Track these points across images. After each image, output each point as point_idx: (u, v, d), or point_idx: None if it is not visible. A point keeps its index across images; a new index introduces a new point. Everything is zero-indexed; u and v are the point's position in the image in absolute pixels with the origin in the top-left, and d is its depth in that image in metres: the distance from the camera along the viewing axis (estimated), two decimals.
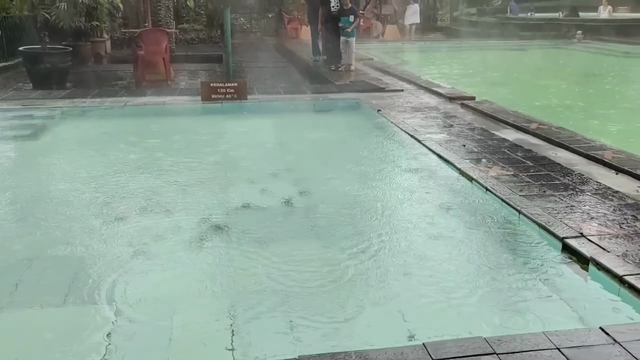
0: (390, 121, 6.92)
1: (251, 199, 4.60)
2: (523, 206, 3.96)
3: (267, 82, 10.15)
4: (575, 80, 11.91)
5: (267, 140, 6.68)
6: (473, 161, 5.13)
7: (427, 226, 4.05)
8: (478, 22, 24.13)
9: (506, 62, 15.47)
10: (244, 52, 15.68)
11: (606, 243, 3.33)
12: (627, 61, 14.64)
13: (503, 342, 2.37)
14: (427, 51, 17.53)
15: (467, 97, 8.35)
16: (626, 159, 5.01)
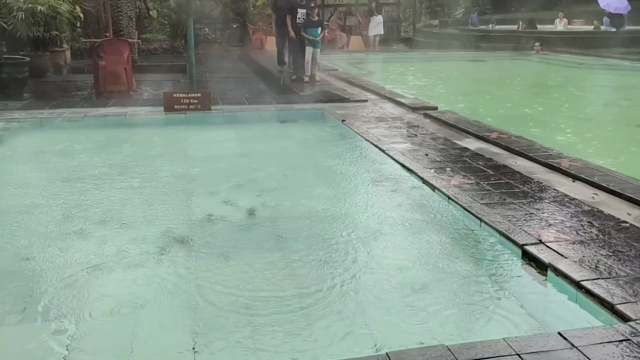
0: (354, 131, 6.97)
1: (214, 210, 4.55)
2: (484, 214, 4.03)
3: (231, 93, 10.10)
4: (533, 91, 12.23)
5: (231, 151, 6.63)
6: (435, 170, 5.20)
7: (390, 236, 4.08)
8: (440, 34, 24.58)
9: (467, 72, 15.79)
10: (208, 62, 15.58)
11: (564, 249, 3.41)
12: (582, 72, 15.14)
13: (465, 349, 2.40)
14: (391, 62, 17.76)
15: (430, 107, 8.47)
16: (582, 167, 5.15)
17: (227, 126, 7.68)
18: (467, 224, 4.08)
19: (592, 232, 3.69)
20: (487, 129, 6.88)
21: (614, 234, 3.65)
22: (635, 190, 4.44)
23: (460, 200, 4.35)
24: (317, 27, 10.99)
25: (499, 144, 6.14)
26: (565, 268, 3.15)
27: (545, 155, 5.59)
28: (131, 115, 7.71)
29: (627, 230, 3.71)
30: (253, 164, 6.11)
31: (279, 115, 8.13)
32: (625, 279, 3.02)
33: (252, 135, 7.43)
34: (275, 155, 6.45)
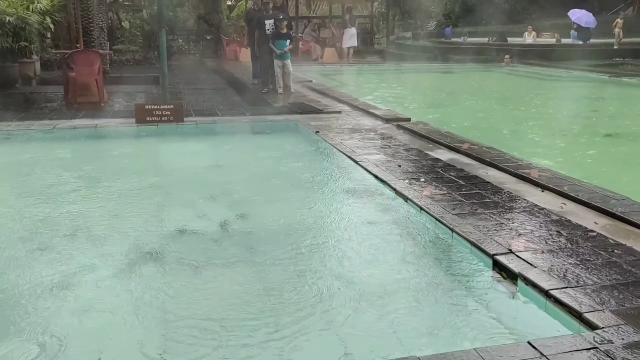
0: (328, 142, 6.98)
1: (186, 223, 4.49)
2: (456, 224, 4.06)
3: (204, 104, 10.05)
4: (503, 102, 12.46)
5: (204, 162, 6.58)
6: (408, 181, 5.24)
7: (363, 247, 4.08)
8: (413, 46, 24.91)
9: (439, 84, 16.01)
10: (182, 73, 15.50)
11: (533, 258, 3.46)
12: (551, 83, 15.48)
13: None
14: (365, 73, 17.91)
15: (403, 118, 8.55)
16: (551, 177, 5.25)
17: (200, 138, 7.63)
18: (439, 235, 4.11)
19: (560, 241, 3.75)
20: (458, 140, 6.96)
21: (582, 243, 3.72)
22: (602, 199, 4.53)
23: (432, 210, 4.38)
24: (285, 40, 10.91)
25: (470, 154, 6.22)
26: (535, 277, 3.19)
27: (515, 165, 5.68)
28: (102, 127, 7.61)
29: (594, 239, 3.78)
30: (226, 175, 6.07)
31: (253, 126, 8.11)
32: (592, 287, 3.07)
33: (225, 147, 7.39)
34: (249, 167, 6.42)
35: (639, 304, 2.88)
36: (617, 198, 4.57)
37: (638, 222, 4.00)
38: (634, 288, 3.05)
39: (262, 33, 11.05)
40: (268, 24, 10.96)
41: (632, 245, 3.65)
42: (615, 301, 2.91)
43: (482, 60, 19.51)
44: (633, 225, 4.02)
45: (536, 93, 14.05)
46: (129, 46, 16.85)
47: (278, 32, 10.82)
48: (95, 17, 13.40)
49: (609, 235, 3.84)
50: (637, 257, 3.46)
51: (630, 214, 4.17)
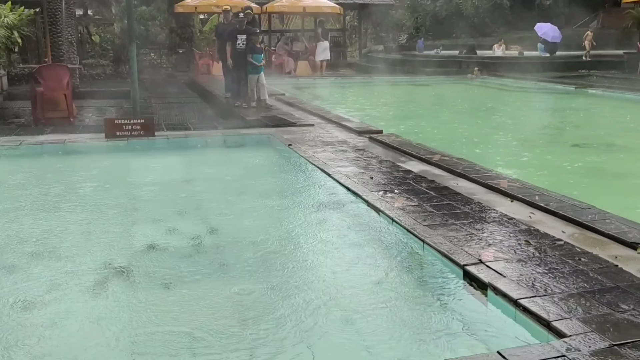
0: (300, 155, 6.98)
1: (156, 239, 4.43)
2: (427, 236, 4.09)
3: (176, 118, 9.97)
4: (474, 113, 12.66)
5: (175, 177, 6.51)
6: (380, 193, 5.26)
7: (335, 260, 4.08)
8: (385, 59, 25.18)
9: (411, 96, 16.20)
10: (153, 87, 15.37)
11: (503, 268, 3.50)
12: (520, 95, 15.79)
13: None
14: (338, 86, 18.02)
15: (375, 130, 8.61)
16: (520, 187, 5.33)
17: (172, 152, 7.55)
18: (411, 246, 4.13)
19: (529, 250, 3.80)
20: (429, 151, 7.04)
21: (550, 251, 3.78)
22: (569, 208, 4.62)
23: (403, 222, 4.41)
24: (261, 54, 11.05)
25: (441, 165, 6.29)
26: (504, 287, 3.22)
27: (485, 176, 5.76)
28: (70, 143, 7.48)
29: (561, 248, 3.84)
30: (197, 190, 6.01)
31: (225, 140, 8.07)
32: (560, 295, 3.11)
33: (197, 161, 7.34)
34: (221, 181, 6.38)
35: (605, 312, 2.93)
36: (583, 207, 4.67)
37: (603, 231, 4.09)
38: (600, 296, 3.10)
39: (235, 47, 11.04)
40: (240, 38, 10.97)
41: (598, 254, 3.72)
42: (582, 309, 2.95)
43: (452, 73, 19.83)
44: (599, 233, 4.10)
45: (505, 104, 14.33)
46: (100, 60, 16.68)
47: (254, 47, 10.87)
48: (64, 31, 13.21)
49: (576, 244, 3.91)
50: (603, 265, 3.53)
51: (596, 222, 4.26)
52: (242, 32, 11.05)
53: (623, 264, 3.54)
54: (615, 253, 3.74)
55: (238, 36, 11.00)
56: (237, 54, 11.10)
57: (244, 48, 10.97)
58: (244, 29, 11.08)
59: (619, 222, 4.29)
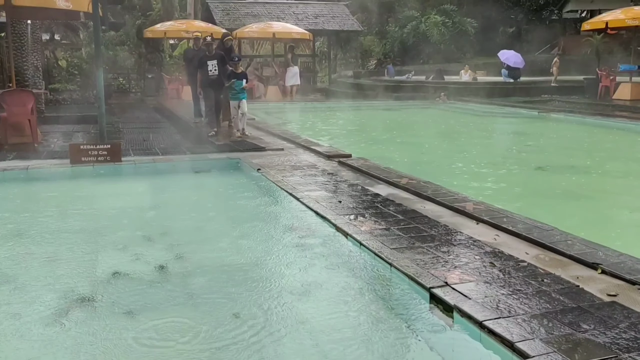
0: (269, 180, 6.98)
1: (122, 267, 4.35)
2: (394, 259, 4.11)
3: (144, 143, 9.88)
4: (440, 137, 12.88)
5: (141, 203, 6.42)
6: (348, 217, 5.28)
7: (303, 284, 4.05)
8: (354, 84, 25.52)
9: (380, 120, 16.40)
10: (122, 112, 15.23)
11: (468, 290, 3.53)
12: (486, 119, 16.15)
13: None
14: (308, 111, 18.15)
15: (344, 154, 8.68)
16: (485, 210, 5.42)
17: (138, 178, 7.46)
18: (378, 269, 4.14)
19: (494, 272, 3.86)
20: (397, 175, 7.11)
21: (514, 273, 3.84)
22: (533, 230, 4.71)
23: (371, 245, 4.43)
24: (242, 79, 10.51)
25: (409, 189, 6.36)
26: (469, 309, 3.26)
27: (452, 199, 5.84)
28: (34, 169, 7.32)
29: (525, 269, 3.91)
30: (164, 216, 5.94)
31: (193, 165, 8.01)
32: (523, 316, 3.15)
33: (164, 187, 7.26)
34: (188, 207, 6.31)
35: (567, 332, 2.98)
36: (546, 229, 4.77)
37: (565, 252, 4.18)
38: (562, 316, 3.16)
39: (205, 74, 10.69)
40: (211, 64, 10.62)
41: (560, 274, 3.80)
42: (545, 330, 3.00)
43: (420, 98, 20.19)
44: (561, 254, 4.19)
45: (471, 128, 14.63)
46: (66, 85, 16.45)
47: (234, 73, 10.42)
48: (29, 56, 13.04)
49: (539, 265, 3.99)
50: (565, 286, 3.60)
51: (558, 243, 4.36)
52: (212, 58, 10.71)
53: (584, 285, 3.62)
54: (577, 274, 3.82)
55: (208, 62, 10.64)
56: (209, 81, 10.70)
57: (217, 74, 10.60)
58: (214, 55, 10.76)
59: (580, 243, 4.39)
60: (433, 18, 26.84)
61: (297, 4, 28.74)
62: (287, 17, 25.07)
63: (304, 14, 26.03)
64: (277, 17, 24.50)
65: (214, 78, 10.62)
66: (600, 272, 3.82)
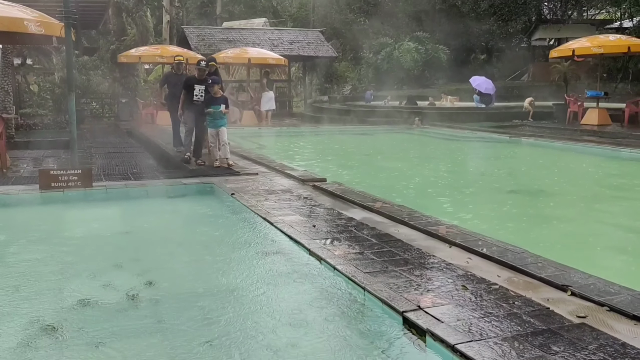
0: (243, 204, 6.94)
1: (90, 294, 4.25)
2: (367, 283, 4.11)
3: (117, 168, 9.76)
4: (414, 162, 13.03)
5: (112, 229, 6.31)
6: (322, 241, 5.27)
7: (276, 310, 4.01)
8: (330, 109, 25.75)
9: (355, 145, 16.53)
10: (94, 137, 15.07)
11: (440, 314, 3.54)
12: (458, 144, 16.40)
13: None
14: (283, 136, 18.21)
15: (319, 179, 8.69)
16: (458, 233, 5.47)
17: (110, 203, 7.35)
18: (352, 293, 4.13)
19: (466, 295, 3.88)
20: (371, 199, 7.15)
21: (485, 296, 3.86)
22: (504, 253, 4.76)
23: (345, 270, 4.42)
24: (220, 103, 9.67)
25: (383, 213, 6.39)
26: (442, 332, 3.26)
27: (425, 222, 5.88)
28: (1, 195, 7.15)
29: (497, 292, 3.94)
30: (135, 242, 5.84)
31: (167, 190, 7.93)
32: (495, 339, 3.17)
33: (136, 212, 7.16)
34: (160, 233, 6.23)
35: (538, 354, 3.00)
36: (517, 251, 4.82)
37: (536, 274, 4.23)
38: (532, 338, 3.18)
39: (190, 98, 9.89)
40: (198, 89, 9.82)
41: (530, 297, 3.83)
42: (515, 352, 3.01)
43: (394, 123, 20.44)
44: (531, 277, 4.24)
45: (444, 153, 14.83)
46: (38, 110, 16.24)
47: (211, 97, 9.67)
48: (0, 81, 12.88)
49: (510, 288, 4.02)
50: (535, 308, 3.63)
51: (529, 266, 4.41)
52: (200, 82, 9.87)
53: (554, 307, 3.66)
54: (547, 296, 3.86)
55: (196, 86, 9.81)
56: (192, 108, 9.88)
57: (201, 101, 9.79)
58: (202, 80, 9.85)
59: (551, 265, 4.45)
60: (406, 45, 27.37)
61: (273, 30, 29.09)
62: (262, 42, 25.32)
63: (279, 40, 26.33)
64: (253, 43, 24.72)
65: (198, 104, 9.85)
66: (570, 294, 3.87)
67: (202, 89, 9.82)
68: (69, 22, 8.61)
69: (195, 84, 9.85)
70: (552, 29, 30.66)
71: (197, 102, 9.82)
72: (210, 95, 9.73)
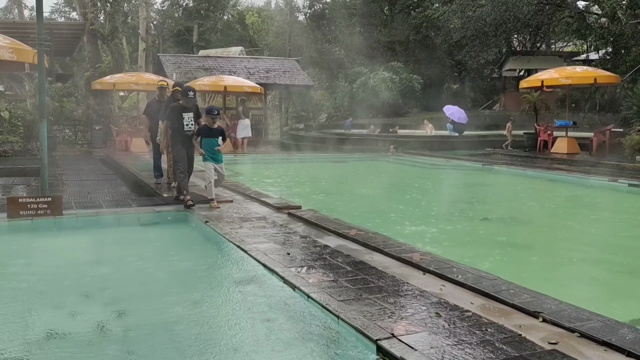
0: (217, 232, 6.87)
1: (56, 326, 4.13)
2: (341, 311, 4.08)
3: (89, 196, 9.60)
4: (389, 189, 13.12)
5: (82, 258, 6.18)
6: (296, 269, 5.24)
7: (249, 339, 3.95)
8: (306, 137, 25.88)
9: (330, 172, 16.59)
10: (67, 164, 14.84)
11: (414, 342, 3.53)
12: (433, 171, 16.60)
13: None
14: (258, 163, 18.19)
15: (294, 206, 8.67)
16: (431, 260, 5.49)
17: (80, 232, 7.20)
18: (326, 321, 4.09)
19: (439, 322, 3.88)
20: (346, 226, 7.15)
21: (459, 323, 3.87)
22: (477, 280, 4.79)
23: (319, 298, 4.39)
24: (217, 137, 8.62)
25: (357, 240, 6.39)
26: None
27: (399, 250, 5.90)
28: None
29: (470, 319, 3.95)
30: (105, 271, 5.72)
31: (140, 218, 7.82)
32: None
33: (107, 241, 7.02)
34: (131, 261, 6.11)
35: None
36: (490, 278, 4.86)
37: (508, 301, 4.26)
38: None
39: (180, 129, 8.59)
40: (187, 117, 8.63)
41: (503, 324, 3.85)
42: None
43: (369, 150, 20.62)
44: (504, 303, 4.26)
45: (419, 180, 14.98)
46: (8, 137, 15.95)
47: (208, 129, 8.60)
48: None
49: (483, 315, 4.04)
50: (508, 335, 3.65)
51: (502, 293, 4.44)
52: (189, 110, 8.67)
53: (526, 333, 3.68)
54: (520, 322, 3.89)
55: (184, 114, 8.61)
56: (182, 139, 8.62)
57: (192, 130, 8.66)
58: (189, 106, 8.72)
59: (523, 292, 4.49)
60: (381, 74, 27.82)
61: (249, 58, 29.34)
62: (238, 71, 25.48)
63: (255, 68, 26.52)
64: (229, 71, 24.87)
65: (189, 134, 8.65)
66: (542, 320, 3.90)
67: (191, 116, 8.68)
68: (42, 49, 8.57)
69: (183, 112, 8.65)
70: (522, 60, 31.56)
71: (189, 131, 8.63)
72: (207, 126, 8.61)
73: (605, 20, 24.77)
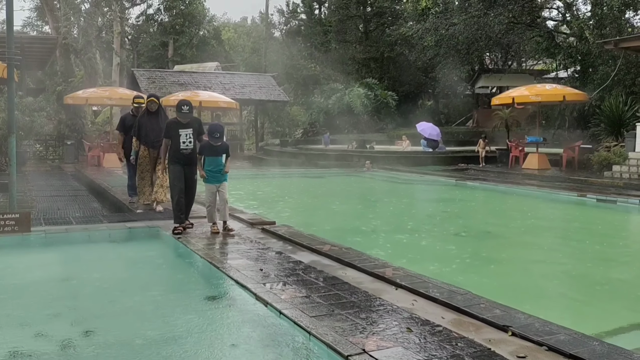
0: (189, 248, 6.80)
1: (21, 346, 4.02)
2: (313, 327, 4.06)
3: (58, 212, 9.43)
4: (364, 204, 13.18)
5: (49, 276, 6.04)
6: (269, 285, 5.21)
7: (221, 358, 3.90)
8: (281, 152, 25.90)
9: (305, 188, 16.61)
10: (36, 180, 14.58)
11: (385, 357, 3.53)
12: (407, 187, 16.75)
13: None
14: (233, 179, 17.97)
15: (268, 222, 8.64)
16: (404, 275, 5.52)
17: (48, 249, 7.05)
18: (297, 338, 4.07)
19: (410, 337, 3.89)
20: (320, 241, 7.14)
21: (429, 337, 3.88)
22: (448, 294, 4.82)
23: (290, 314, 4.36)
24: (221, 155, 7.73)
25: (331, 255, 6.39)
26: None
27: (372, 265, 5.91)
28: None
29: (440, 334, 3.97)
30: (74, 289, 5.60)
31: (110, 234, 7.70)
32: None
33: (76, 258, 6.89)
34: (101, 279, 6.00)
35: None
36: (461, 293, 4.90)
37: (478, 315, 4.30)
38: None
39: (176, 147, 7.70)
40: (185, 134, 7.68)
41: (473, 338, 3.88)
42: None
43: (345, 166, 20.71)
44: (475, 317, 4.30)
45: (393, 195, 15.08)
46: None
47: (210, 146, 7.61)
48: None
49: (453, 329, 4.06)
50: (477, 349, 3.67)
51: (472, 307, 4.48)
52: (186, 126, 7.72)
53: (495, 347, 3.71)
54: (489, 336, 3.92)
55: (181, 131, 7.68)
56: (179, 157, 7.72)
57: (191, 148, 7.72)
58: (189, 123, 7.74)
59: (494, 306, 4.53)
60: (356, 90, 28.06)
61: (225, 74, 29.33)
62: (214, 86, 25.45)
63: (230, 83, 26.53)
64: (204, 86, 24.82)
65: (187, 153, 7.73)
66: (511, 334, 3.95)
67: (190, 132, 7.73)
68: (11, 62, 8.44)
69: (180, 128, 7.71)
70: (494, 77, 32.21)
71: (186, 149, 7.71)
72: (209, 142, 7.63)
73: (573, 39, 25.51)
